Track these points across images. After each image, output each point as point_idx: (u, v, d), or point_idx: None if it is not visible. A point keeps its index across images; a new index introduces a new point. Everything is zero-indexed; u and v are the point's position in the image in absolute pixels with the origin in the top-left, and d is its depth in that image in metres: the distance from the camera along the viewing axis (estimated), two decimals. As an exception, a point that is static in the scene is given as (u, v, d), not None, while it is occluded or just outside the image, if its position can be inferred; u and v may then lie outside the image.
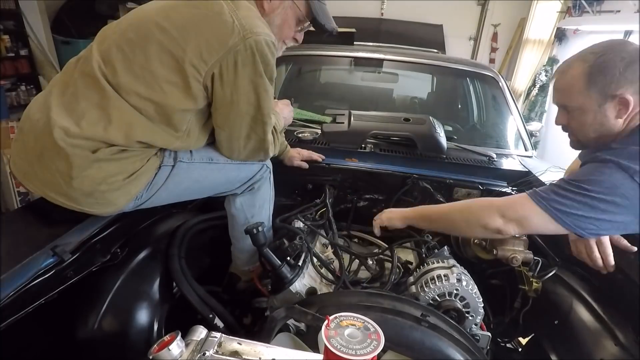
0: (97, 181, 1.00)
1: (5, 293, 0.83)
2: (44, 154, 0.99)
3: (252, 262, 1.44)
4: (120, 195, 1.06)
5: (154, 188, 1.12)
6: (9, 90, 4.10)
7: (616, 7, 3.76)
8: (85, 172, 0.98)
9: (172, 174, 1.14)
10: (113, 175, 1.02)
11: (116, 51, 1.01)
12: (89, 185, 1.00)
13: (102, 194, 1.03)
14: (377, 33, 4.13)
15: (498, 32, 5.44)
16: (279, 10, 1.18)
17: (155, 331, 1.13)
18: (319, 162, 1.68)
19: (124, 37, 1.02)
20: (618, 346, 1.02)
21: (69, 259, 0.97)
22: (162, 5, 1.07)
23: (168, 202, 1.25)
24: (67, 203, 1.03)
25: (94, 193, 1.02)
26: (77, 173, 0.98)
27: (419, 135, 1.79)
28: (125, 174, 1.04)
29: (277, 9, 1.17)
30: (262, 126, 1.16)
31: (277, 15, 1.18)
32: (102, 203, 1.05)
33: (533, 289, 1.31)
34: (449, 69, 2.45)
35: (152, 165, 1.09)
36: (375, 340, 0.59)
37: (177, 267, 1.23)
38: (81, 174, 0.98)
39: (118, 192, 1.05)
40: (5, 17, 3.99)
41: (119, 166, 1.03)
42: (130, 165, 1.04)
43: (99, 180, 1.00)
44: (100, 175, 1.00)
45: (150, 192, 1.12)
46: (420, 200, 1.62)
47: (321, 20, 1.22)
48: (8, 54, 4.01)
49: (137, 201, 1.11)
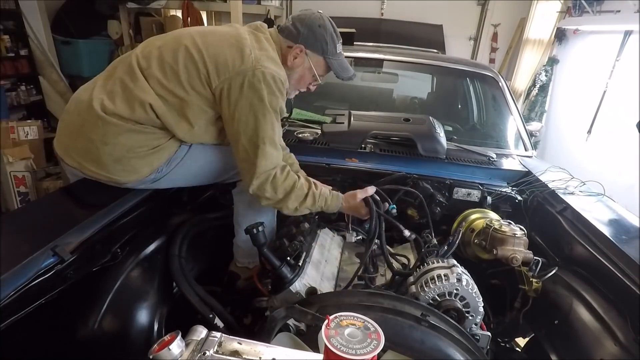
0: (126, 148, 1.19)
1: (6, 293, 0.83)
2: (85, 125, 1.18)
3: (253, 256, 1.44)
4: (145, 164, 1.23)
5: (173, 163, 1.29)
6: (9, 90, 4.10)
7: (616, 7, 3.75)
8: (117, 139, 1.17)
9: (189, 152, 1.31)
10: (140, 145, 1.21)
11: (156, 52, 1.22)
12: (119, 152, 1.19)
13: (128, 161, 1.20)
14: (377, 33, 4.12)
15: (498, 32, 5.43)
16: (299, 69, 1.35)
17: (155, 331, 1.13)
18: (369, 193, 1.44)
19: (165, 44, 1.24)
20: (618, 346, 1.02)
21: (69, 259, 0.97)
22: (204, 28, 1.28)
23: (185, 181, 1.39)
24: (98, 171, 1.20)
25: (122, 159, 1.20)
26: (110, 139, 1.17)
27: (419, 136, 1.79)
28: (150, 146, 1.22)
29: (298, 67, 1.34)
30: (254, 149, 1.21)
31: (297, 72, 1.36)
32: (128, 170, 1.22)
33: (533, 289, 1.31)
34: (448, 69, 2.45)
35: (173, 143, 1.27)
36: (375, 340, 0.59)
37: (177, 267, 1.23)
38: (113, 141, 1.17)
39: (142, 161, 1.22)
40: (5, 17, 3.99)
41: (146, 139, 1.21)
42: (155, 140, 1.23)
43: (128, 147, 1.19)
44: (129, 143, 1.19)
45: (169, 167, 1.29)
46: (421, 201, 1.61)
47: (338, 75, 1.40)
48: (8, 54, 4.01)
49: (157, 174, 1.27)
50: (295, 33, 1.30)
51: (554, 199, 1.53)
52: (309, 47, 1.31)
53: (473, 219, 1.55)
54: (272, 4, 4.89)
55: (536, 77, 4.77)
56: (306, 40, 1.31)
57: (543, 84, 4.70)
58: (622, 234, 1.26)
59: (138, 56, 1.23)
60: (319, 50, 1.33)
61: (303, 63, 1.34)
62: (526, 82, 4.90)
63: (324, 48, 1.32)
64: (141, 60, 1.22)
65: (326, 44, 1.32)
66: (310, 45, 1.31)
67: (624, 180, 3.24)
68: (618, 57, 3.64)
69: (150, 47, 1.26)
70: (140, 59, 1.22)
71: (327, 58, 1.34)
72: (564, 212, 1.44)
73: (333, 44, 1.33)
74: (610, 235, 1.23)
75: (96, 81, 1.26)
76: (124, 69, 1.22)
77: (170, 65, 1.19)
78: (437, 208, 1.59)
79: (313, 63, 1.34)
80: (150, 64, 1.21)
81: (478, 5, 5.39)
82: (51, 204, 1.26)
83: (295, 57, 1.32)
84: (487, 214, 1.57)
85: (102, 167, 1.20)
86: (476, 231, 1.48)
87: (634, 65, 3.36)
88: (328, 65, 1.36)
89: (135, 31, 4.77)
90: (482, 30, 5.47)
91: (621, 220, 1.38)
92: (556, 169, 1.75)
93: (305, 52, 1.32)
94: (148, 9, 4.60)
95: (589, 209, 1.41)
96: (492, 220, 1.46)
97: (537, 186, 1.62)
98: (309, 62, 1.34)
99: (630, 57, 3.51)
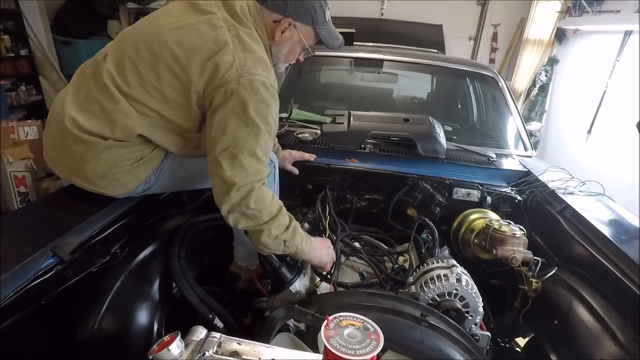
0: (109, 164, 1.13)
1: (5, 293, 0.83)
2: (64, 142, 1.13)
3: (253, 258, 1.44)
4: (131, 178, 1.19)
5: (161, 173, 1.25)
6: (9, 90, 4.10)
7: (616, 7, 3.75)
8: (99, 155, 1.12)
9: (177, 161, 1.26)
10: (123, 159, 1.15)
11: (130, 65, 1.10)
12: (102, 168, 1.14)
13: (114, 176, 1.16)
14: (377, 33, 4.12)
15: (498, 32, 5.43)
16: (287, 43, 1.25)
17: (155, 331, 1.13)
18: (310, 161, 1.68)
19: (139, 54, 1.10)
20: (618, 346, 1.02)
21: (69, 259, 0.97)
22: (175, 27, 1.11)
23: (175, 188, 1.37)
24: (86, 185, 1.17)
25: (107, 175, 1.15)
26: (91, 156, 1.11)
27: (418, 136, 1.78)
28: (134, 159, 1.17)
29: (286, 41, 1.24)
30: (230, 160, 1.06)
31: (285, 46, 1.26)
32: (114, 185, 1.18)
33: (533, 289, 1.31)
34: (448, 69, 2.45)
35: (159, 153, 1.21)
36: (375, 340, 0.59)
37: (177, 267, 1.23)
38: (95, 157, 1.12)
39: (129, 175, 1.18)
40: (5, 17, 3.99)
41: (128, 152, 1.15)
42: (139, 152, 1.17)
43: (111, 163, 1.14)
44: (111, 159, 1.13)
45: (158, 177, 1.25)
46: (420, 200, 1.62)
47: (328, 44, 1.29)
48: (8, 54, 4.01)
49: (146, 185, 1.24)
50: (282, 4, 1.18)
51: (553, 199, 1.53)
52: (298, 18, 1.20)
53: (473, 219, 1.55)
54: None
55: (536, 77, 4.77)
56: (294, 12, 1.19)
57: (543, 84, 4.71)
58: (622, 234, 1.26)
59: (111, 72, 1.10)
60: (308, 21, 1.22)
61: (292, 37, 1.24)
62: (526, 82, 4.90)
63: (313, 18, 1.21)
64: (116, 77, 1.10)
65: (315, 13, 1.21)
66: (298, 16, 1.20)
67: (624, 180, 3.24)
68: (618, 57, 3.65)
69: (121, 56, 1.12)
70: (115, 75, 1.10)
71: (317, 28, 1.24)
72: (564, 212, 1.44)
73: (322, 11, 1.23)
74: (610, 235, 1.22)
75: (67, 90, 1.17)
76: (98, 87, 1.11)
77: (152, 85, 1.10)
78: (437, 208, 1.59)
79: (302, 35, 1.24)
80: (128, 82, 1.09)
81: (478, 5, 5.39)
82: (51, 204, 1.26)
83: (283, 31, 1.21)
84: (487, 214, 1.57)
85: (89, 182, 1.16)
86: (476, 231, 1.48)
87: (634, 65, 3.36)
88: (318, 35, 1.26)
89: (135, 31, 4.76)
90: (482, 30, 5.48)
91: (621, 220, 1.38)
92: (556, 169, 1.75)
93: (294, 24, 1.21)
94: (148, 9, 4.60)
95: (588, 209, 1.41)
96: (491, 220, 1.46)
97: (536, 186, 1.62)
98: (298, 34, 1.23)
99: (630, 57, 3.51)
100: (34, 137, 3.70)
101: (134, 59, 1.10)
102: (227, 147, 1.06)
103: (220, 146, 1.07)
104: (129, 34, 1.18)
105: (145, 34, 1.14)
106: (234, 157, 1.07)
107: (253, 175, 1.09)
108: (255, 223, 1.11)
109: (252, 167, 1.08)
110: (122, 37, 1.18)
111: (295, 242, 1.16)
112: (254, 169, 1.09)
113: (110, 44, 1.19)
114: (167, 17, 1.17)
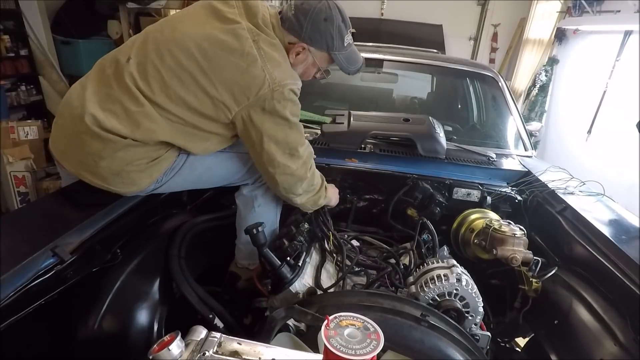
0: (125, 162, 1.14)
1: (5, 293, 0.83)
2: (80, 137, 1.12)
3: (253, 258, 1.44)
4: (144, 176, 1.20)
5: (171, 173, 1.26)
6: (9, 90, 4.10)
7: (616, 7, 3.75)
8: (116, 153, 1.12)
9: (187, 161, 1.28)
10: (139, 158, 1.16)
11: (153, 71, 1.12)
12: (118, 166, 1.14)
13: (128, 174, 1.17)
14: (377, 33, 4.12)
15: (498, 32, 5.43)
16: (301, 65, 1.29)
17: (155, 331, 1.13)
18: None
19: (162, 60, 1.12)
20: (618, 346, 1.02)
21: (69, 259, 0.97)
22: (201, 36, 1.13)
23: (183, 187, 1.39)
24: (96, 181, 1.17)
25: (121, 173, 1.16)
26: (108, 154, 1.12)
27: (418, 136, 1.78)
28: (149, 158, 1.18)
29: (300, 63, 1.28)
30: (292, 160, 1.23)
31: (299, 68, 1.29)
32: (127, 182, 1.19)
33: (533, 289, 1.31)
34: (448, 69, 2.45)
35: (172, 153, 1.23)
36: (375, 340, 0.59)
37: (177, 267, 1.23)
38: (112, 155, 1.12)
39: (142, 173, 1.19)
40: (5, 17, 3.98)
41: (145, 151, 1.16)
42: (154, 152, 1.18)
43: (127, 161, 1.14)
44: (128, 157, 1.14)
45: (168, 177, 1.26)
46: (421, 201, 1.61)
47: (344, 69, 1.33)
48: (8, 54, 4.01)
49: (157, 184, 1.25)
50: (298, 28, 1.20)
51: (553, 199, 1.53)
52: (312, 44, 1.23)
53: (473, 219, 1.55)
54: (272, 4, 4.90)
55: (536, 77, 4.77)
56: (309, 38, 1.21)
57: (543, 84, 4.71)
58: (622, 234, 1.26)
59: (134, 75, 1.11)
60: (324, 47, 1.24)
61: (306, 59, 1.27)
62: (526, 82, 4.90)
63: (329, 44, 1.23)
64: (139, 81, 1.11)
65: (332, 39, 1.22)
66: (313, 42, 1.22)
67: (624, 180, 3.24)
68: (618, 57, 3.65)
69: (143, 59, 1.13)
70: (138, 80, 1.11)
71: (333, 54, 1.26)
72: (564, 212, 1.44)
73: (340, 37, 1.24)
74: (610, 235, 1.22)
75: (85, 86, 1.15)
76: (121, 88, 1.11)
77: (177, 93, 1.11)
78: (437, 208, 1.59)
79: (317, 59, 1.27)
80: (152, 88, 1.11)
81: (478, 5, 5.39)
82: (51, 204, 1.26)
83: (298, 54, 1.24)
84: (487, 214, 1.57)
85: (100, 178, 1.16)
86: (476, 231, 1.48)
87: (634, 65, 3.36)
88: (333, 60, 1.29)
89: (135, 31, 4.76)
90: (482, 30, 5.48)
91: (621, 220, 1.38)
92: (556, 169, 1.75)
93: (309, 49, 1.24)
94: (148, 9, 4.60)
95: (588, 209, 1.41)
96: (491, 220, 1.46)
97: (536, 186, 1.62)
98: (313, 58, 1.27)
99: (630, 57, 3.51)
100: (34, 137, 3.70)
101: (158, 65, 1.12)
102: (284, 151, 1.22)
103: (278, 153, 1.21)
104: (151, 36, 1.17)
105: (168, 39, 1.15)
106: (292, 155, 1.24)
107: (309, 158, 1.30)
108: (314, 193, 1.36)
109: (305, 153, 1.28)
110: (144, 39, 1.18)
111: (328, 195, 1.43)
112: (307, 152, 1.30)
113: (132, 44, 1.19)
114: (191, 23, 1.18)
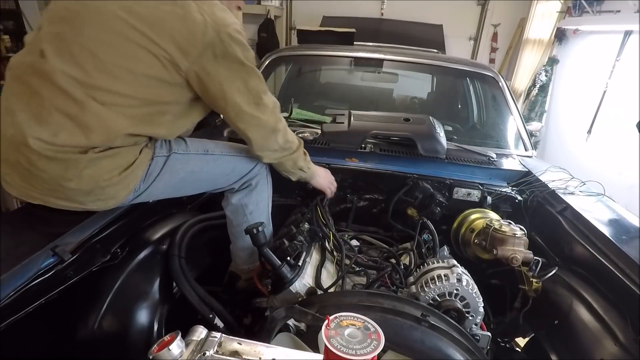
0: (95, 179, 1.02)
1: (5, 293, 0.83)
2: (35, 165, 0.97)
3: (252, 261, 1.44)
4: (120, 189, 1.08)
5: (150, 179, 1.14)
6: (9, 90, 4.10)
7: (616, 7, 3.75)
8: (82, 171, 0.99)
9: (167, 165, 1.16)
10: (109, 170, 1.03)
11: (80, 51, 0.95)
12: (88, 184, 1.02)
13: (102, 190, 1.05)
14: (377, 33, 4.11)
15: (498, 32, 5.43)
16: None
17: (155, 331, 1.13)
18: None
19: (86, 36, 0.96)
20: (618, 346, 1.02)
21: (69, 259, 0.97)
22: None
23: (166, 194, 1.26)
24: (70, 205, 1.06)
25: (94, 190, 1.04)
26: (73, 174, 0.99)
27: (418, 135, 1.78)
28: (120, 168, 1.05)
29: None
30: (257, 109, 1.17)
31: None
32: (103, 199, 1.08)
33: (533, 289, 1.31)
34: (448, 69, 2.44)
35: (145, 157, 1.11)
36: (376, 340, 0.59)
37: (177, 267, 1.23)
38: (79, 174, 0.99)
39: (117, 186, 1.07)
40: (5, 17, 3.99)
41: (113, 162, 1.04)
42: (123, 159, 1.06)
43: (97, 177, 1.02)
44: (97, 173, 1.02)
45: (147, 183, 1.14)
46: (421, 200, 1.61)
47: None
48: (8, 54, 4.01)
49: (135, 193, 1.13)
50: None
51: (554, 199, 1.53)
52: None
53: (473, 219, 1.55)
54: (272, 4, 4.90)
55: (536, 77, 4.77)
56: None
57: (543, 84, 4.70)
58: (622, 234, 1.26)
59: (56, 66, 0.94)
60: None
61: None
62: (526, 82, 4.90)
63: None
64: (68, 68, 0.94)
65: None
66: None
67: (624, 180, 3.24)
68: (618, 57, 3.64)
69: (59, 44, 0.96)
70: (66, 68, 0.94)
71: None
72: (564, 212, 1.44)
73: None
74: (610, 235, 1.22)
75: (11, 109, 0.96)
76: (50, 91, 0.95)
77: (115, 64, 0.96)
78: (437, 208, 1.59)
79: None
80: (86, 69, 0.95)
81: (478, 5, 5.39)
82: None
83: None
84: (487, 214, 1.57)
85: (73, 201, 1.05)
86: (476, 231, 1.48)
87: (634, 65, 3.36)
88: None
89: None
90: (482, 30, 5.47)
91: (621, 220, 1.38)
92: (556, 169, 1.75)
93: None
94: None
95: (589, 209, 1.41)
96: (492, 220, 1.46)
97: (537, 186, 1.62)
98: None
99: (630, 57, 3.51)
100: (34, 137, 3.69)
101: (81, 41, 0.96)
102: (249, 100, 1.15)
103: (243, 103, 1.14)
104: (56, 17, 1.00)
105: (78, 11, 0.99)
106: (258, 104, 1.17)
107: (276, 108, 1.23)
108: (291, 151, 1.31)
109: (271, 102, 1.21)
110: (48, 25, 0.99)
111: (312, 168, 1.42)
112: (273, 102, 1.22)
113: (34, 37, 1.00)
114: None
